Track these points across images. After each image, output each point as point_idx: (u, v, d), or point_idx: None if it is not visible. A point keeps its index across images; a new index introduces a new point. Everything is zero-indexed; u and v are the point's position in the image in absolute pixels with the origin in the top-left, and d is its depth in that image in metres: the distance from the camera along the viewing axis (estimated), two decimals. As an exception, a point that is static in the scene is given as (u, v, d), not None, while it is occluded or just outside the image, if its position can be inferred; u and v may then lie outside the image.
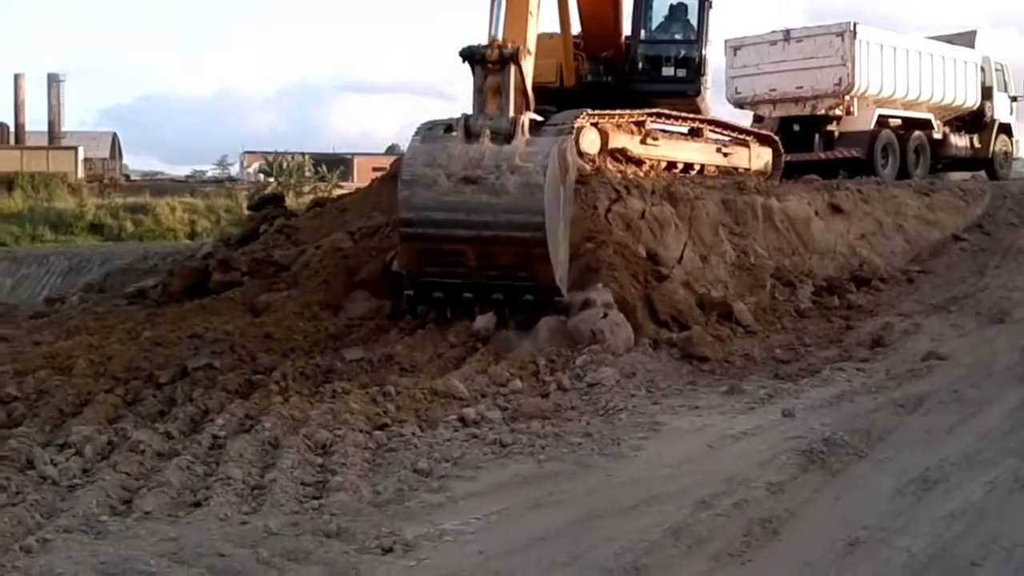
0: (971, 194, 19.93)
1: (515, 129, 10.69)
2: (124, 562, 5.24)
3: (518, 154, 10.55)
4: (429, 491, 6.63)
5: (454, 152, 10.63)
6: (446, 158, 10.61)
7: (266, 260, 14.56)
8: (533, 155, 10.55)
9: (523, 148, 10.58)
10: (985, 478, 6.77)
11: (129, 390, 9.23)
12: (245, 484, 6.68)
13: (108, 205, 41.59)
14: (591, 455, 7.41)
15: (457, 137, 10.77)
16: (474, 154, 10.60)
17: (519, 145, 10.59)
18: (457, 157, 10.61)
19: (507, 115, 10.84)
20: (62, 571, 5.10)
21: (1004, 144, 28.12)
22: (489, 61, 10.97)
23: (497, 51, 10.91)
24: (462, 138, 10.75)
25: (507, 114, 10.85)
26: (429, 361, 10.30)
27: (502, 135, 10.70)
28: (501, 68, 10.98)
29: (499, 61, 10.94)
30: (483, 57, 10.97)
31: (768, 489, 6.50)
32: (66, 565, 5.18)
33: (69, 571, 5.10)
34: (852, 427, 7.91)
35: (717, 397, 9.43)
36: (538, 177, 10.41)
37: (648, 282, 12.24)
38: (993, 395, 9.05)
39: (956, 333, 12.05)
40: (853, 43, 23.19)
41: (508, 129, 10.73)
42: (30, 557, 5.35)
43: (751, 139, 19.09)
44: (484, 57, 10.96)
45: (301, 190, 43.54)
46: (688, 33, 18.93)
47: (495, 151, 10.56)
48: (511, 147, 10.58)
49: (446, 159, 10.60)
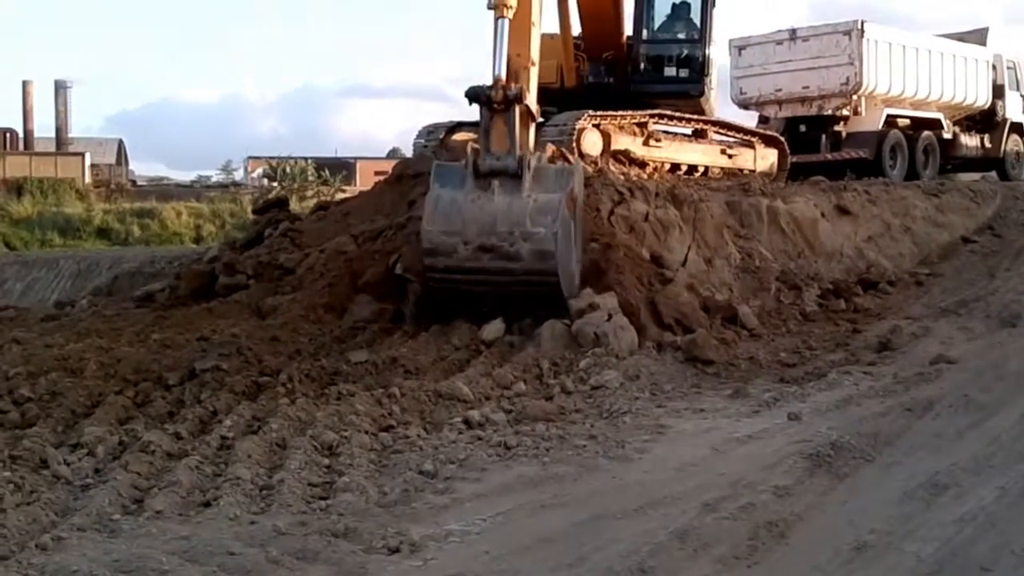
0: (981, 195, 19.83)
1: (522, 169, 11.17)
2: (137, 560, 5.28)
3: (528, 216, 11.08)
4: (435, 492, 6.64)
5: (468, 216, 11.15)
6: (461, 224, 11.15)
7: (271, 263, 14.57)
8: (543, 217, 11.06)
9: (532, 205, 11.10)
10: (996, 483, 6.70)
11: (139, 392, 9.32)
12: (254, 484, 6.74)
13: (115, 210, 41.75)
14: (596, 457, 7.40)
15: (468, 187, 11.24)
16: (487, 217, 11.13)
17: (528, 202, 11.11)
18: (471, 221, 11.14)
19: (514, 155, 11.21)
20: (76, 568, 5.13)
21: (1016, 144, 27.92)
22: (494, 102, 11.27)
23: (502, 92, 11.22)
24: (472, 184, 11.23)
25: (514, 153, 11.21)
26: (433, 364, 10.33)
27: (510, 174, 11.19)
28: (506, 109, 11.28)
29: (504, 102, 11.24)
30: (488, 99, 11.28)
31: (775, 492, 6.46)
32: (80, 563, 5.21)
33: (84, 568, 5.13)
34: (859, 431, 7.85)
35: (722, 400, 9.41)
36: (549, 244, 11.02)
37: (652, 285, 12.24)
38: (1004, 399, 8.94)
39: (966, 337, 11.96)
40: (861, 42, 23.09)
41: (515, 168, 11.20)
42: (45, 555, 5.39)
43: (756, 140, 19.08)
44: (489, 99, 11.27)
45: (305, 194, 43.64)
46: (691, 32, 18.84)
47: (505, 211, 11.09)
48: (522, 205, 11.10)
49: (461, 224, 11.15)
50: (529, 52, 11.95)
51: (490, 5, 11.54)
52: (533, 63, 12.06)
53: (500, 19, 11.44)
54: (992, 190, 20.67)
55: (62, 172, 51.65)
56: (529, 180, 11.23)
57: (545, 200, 11.17)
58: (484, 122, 11.49)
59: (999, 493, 6.50)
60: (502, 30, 11.45)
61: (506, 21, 11.44)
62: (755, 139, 19.19)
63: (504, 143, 11.35)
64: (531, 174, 11.24)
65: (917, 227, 17.57)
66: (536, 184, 11.27)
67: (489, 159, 11.33)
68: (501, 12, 11.42)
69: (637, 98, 17.67)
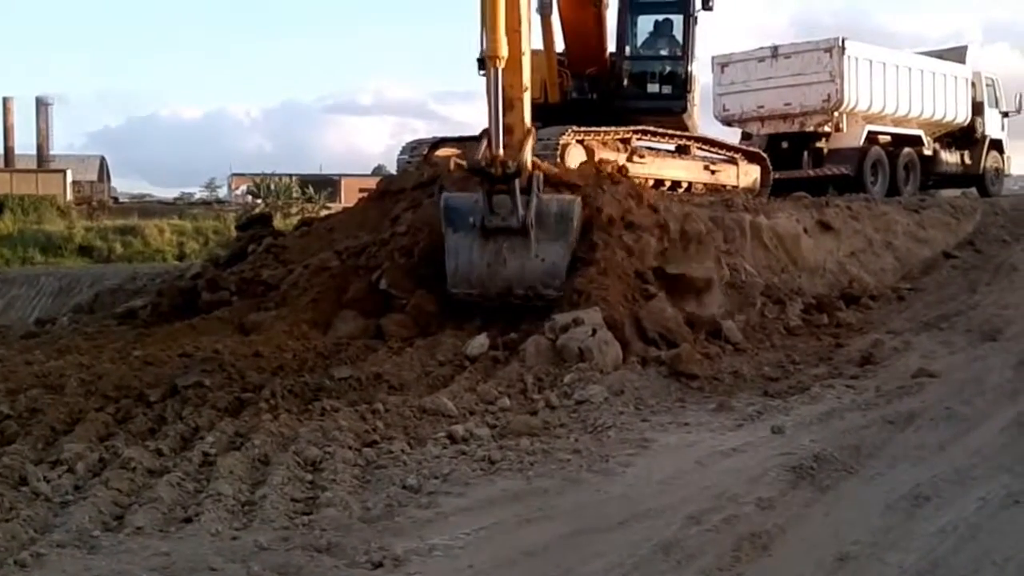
0: (962, 211, 19.91)
1: (526, 226, 12.16)
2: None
3: (540, 281, 12.34)
4: (418, 507, 6.63)
5: (486, 280, 12.42)
6: (481, 286, 12.49)
7: (254, 280, 14.53)
8: (552, 279, 12.32)
9: (541, 267, 12.33)
10: (977, 494, 6.73)
11: (120, 408, 9.28)
12: (236, 500, 6.71)
13: (97, 227, 41.59)
14: (580, 471, 7.40)
15: (478, 247, 12.40)
16: (503, 282, 12.37)
17: (537, 263, 12.32)
18: (490, 284, 12.43)
19: (517, 216, 12.13)
20: (56, 584, 5.11)
21: (995, 160, 28.20)
22: (495, 178, 12.08)
23: (501, 169, 12.02)
24: (480, 244, 12.37)
25: (517, 215, 12.13)
26: (417, 379, 10.33)
27: (516, 231, 12.23)
28: (507, 180, 12.07)
29: (503, 177, 12.05)
30: (490, 175, 12.10)
31: (758, 505, 6.48)
32: (61, 579, 5.18)
33: (64, 585, 5.11)
34: (842, 443, 7.88)
35: (706, 414, 9.41)
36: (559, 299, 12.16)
37: (636, 300, 12.24)
38: (985, 412, 8.98)
39: (947, 351, 12.00)
40: (842, 59, 23.29)
41: (519, 226, 12.19)
42: (25, 571, 5.39)
43: (739, 156, 19.17)
44: (491, 175, 12.09)
45: (289, 211, 43.62)
46: (674, 49, 18.92)
47: (519, 276, 12.33)
48: (533, 268, 12.32)
49: (481, 287, 12.50)
50: (521, 82, 12.59)
51: (481, 69, 12.77)
52: (526, 88, 12.73)
53: (495, 69, 11.95)
54: (972, 206, 20.77)
55: (43, 189, 51.62)
56: (534, 235, 12.22)
57: (551, 263, 12.32)
58: (486, 187, 12.22)
59: (980, 504, 6.53)
60: (496, 79, 11.99)
61: (500, 69, 11.97)
62: (738, 155, 19.27)
63: (507, 208, 12.18)
64: (534, 230, 12.21)
65: (899, 242, 17.62)
66: (541, 232, 12.23)
67: (495, 219, 12.25)
68: (494, 63, 11.95)
69: (620, 114, 17.72)
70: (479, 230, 12.29)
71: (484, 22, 12.05)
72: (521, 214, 12.10)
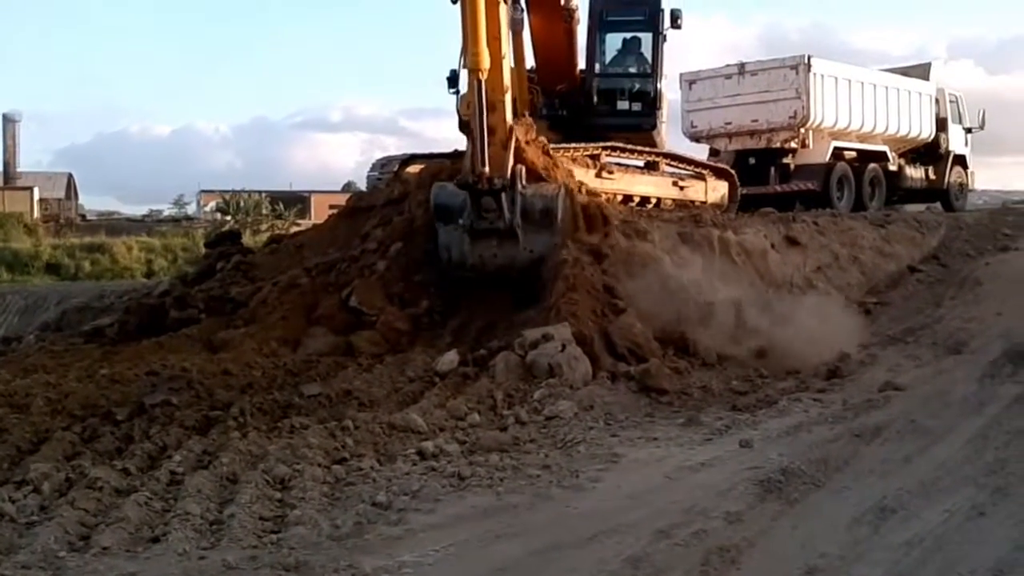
0: (927, 226, 20.09)
1: (515, 228, 12.79)
2: (82, 597, 5.22)
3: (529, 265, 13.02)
4: (388, 524, 6.62)
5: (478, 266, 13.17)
6: (474, 270, 13.20)
7: (223, 297, 14.48)
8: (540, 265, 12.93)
9: (529, 257, 12.99)
10: (942, 506, 6.77)
11: (87, 427, 9.22)
12: (203, 519, 6.67)
13: (64, 245, 41.29)
14: (550, 487, 7.41)
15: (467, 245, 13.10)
16: (495, 270, 13.14)
17: (526, 255, 12.97)
18: (484, 269, 13.16)
19: (504, 220, 12.76)
20: (21, 607, 5.07)
21: (959, 175, 28.49)
22: (483, 192, 12.62)
23: (488, 185, 12.55)
24: (469, 242, 13.05)
25: (504, 219, 12.76)
26: (387, 396, 10.31)
27: (506, 233, 12.85)
28: (493, 193, 12.65)
29: (491, 191, 12.62)
30: (478, 190, 12.59)
31: (726, 519, 6.51)
32: (24, 601, 5.14)
33: (28, 607, 5.06)
34: (809, 457, 7.91)
35: (675, 429, 9.44)
36: None
37: (605, 315, 12.28)
38: (950, 425, 9.03)
39: (913, 364, 12.12)
40: (807, 76, 23.48)
41: (508, 229, 12.80)
42: (-11, 593, 5.31)
43: (707, 172, 19.26)
44: (479, 190, 12.58)
45: (258, 228, 43.45)
46: (643, 67, 19.06)
47: (510, 265, 13.05)
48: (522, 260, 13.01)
49: (473, 273, 13.24)
50: (502, 84, 12.94)
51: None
52: (507, 89, 13.12)
53: (478, 81, 12.21)
54: (937, 221, 20.96)
55: (10, 206, 51.20)
56: (521, 232, 12.83)
57: (539, 254, 12.93)
58: (474, 199, 12.75)
59: (946, 516, 6.57)
60: (480, 89, 12.25)
61: (483, 81, 12.24)
62: (706, 171, 19.37)
63: (493, 209, 12.76)
64: (520, 228, 12.81)
65: (865, 257, 17.74)
66: (527, 225, 12.85)
67: (483, 223, 12.85)
68: (476, 76, 12.22)
69: (591, 131, 17.79)
70: (468, 232, 12.89)
71: (465, 36, 12.17)
72: (508, 218, 12.66)
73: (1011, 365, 11.21)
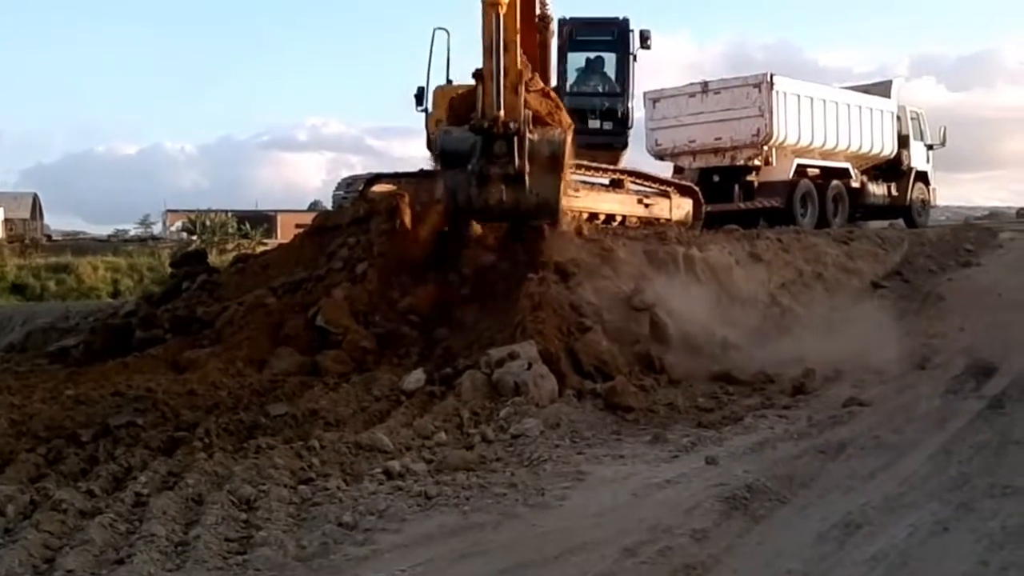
0: (890, 242, 20.30)
1: (523, 174, 12.81)
2: (46, 621, 5.18)
3: (534, 213, 13.46)
4: (354, 544, 6.59)
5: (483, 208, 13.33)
6: (479, 212, 13.61)
7: (189, 317, 14.42)
8: (545, 210, 13.42)
9: (535, 201, 13.17)
10: (907, 521, 6.82)
11: (51, 449, 9.15)
12: (169, 541, 6.61)
13: (30, 265, 41.00)
14: (516, 505, 7.42)
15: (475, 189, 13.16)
16: (500, 212, 13.44)
17: (532, 199, 13.09)
18: (489, 211, 13.45)
19: (514, 165, 12.80)
20: (-17, 631, 5.03)
21: (921, 192, 28.77)
22: (497, 136, 12.72)
23: (502, 128, 12.66)
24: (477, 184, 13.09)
25: (514, 164, 12.80)
26: (354, 415, 10.28)
27: (514, 177, 12.88)
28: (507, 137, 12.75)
29: (505, 135, 12.72)
30: (491, 133, 12.68)
31: (692, 536, 6.52)
32: (-12, 625, 5.10)
33: (-10, 631, 5.02)
34: (775, 473, 7.95)
35: (641, 446, 9.46)
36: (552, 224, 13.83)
37: (572, 333, 12.31)
38: (914, 440, 9.12)
39: (877, 379, 12.21)
40: (770, 94, 23.66)
41: (517, 173, 12.83)
42: (-49, 619, 5.27)
43: (672, 190, 19.35)
44: (492, 133, 12.67)
45: (225, 247, 43.29)
46: (614, 86, 19.18)
47: (515, 208, 13.19)
48: (528, 203, 13.13)
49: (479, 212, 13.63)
50: (515, 24, 13.07)
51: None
52: (518, 31, 13.20)
53: (496, 16, 12.45)
54: (899, 237, 21.19)
55: (-27, 227, 50.81)
56: (528, 176, 12.88)
57: (544, 197, 13.21)
58: (484, 145, 12.92)
59: (910, 531, 6.61)
60: (497, 24, 12.50)
61: (502, 16, 12.49)
62: (671, 189, 19.46)
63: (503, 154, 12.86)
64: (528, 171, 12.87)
65: (828, 273, 17.89)
66: (534, 168, 12.91)
67: (493, 169, 12.91)
68: (495, 10, 12.52)
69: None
70: (477, 175, 13.00)
71: None
72: (518, 163, 12.74)
73: (974, 380, 11.37)
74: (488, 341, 12.21)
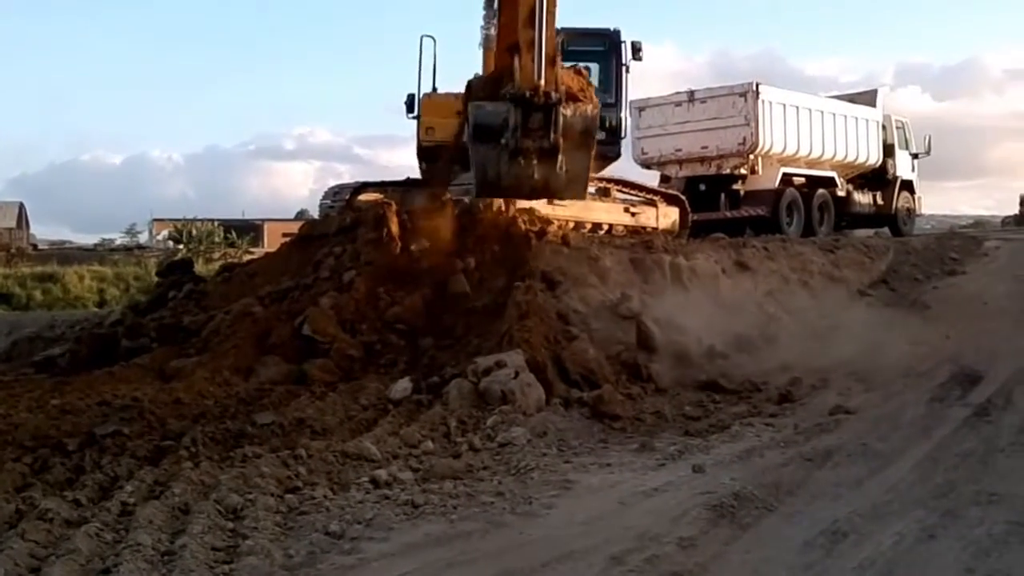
0: (875, 250, 20.35)
1: (557, 146, 12.14)
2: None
3: (563, 190, 13.13)
4: (341, 553, 6.59)
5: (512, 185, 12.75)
6: (507, 189, 13.21)
7: (175, 326, 14.38)
8: (574, 186, 12.98)
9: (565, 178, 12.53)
10: (894, 529, 6.84)
11: (37, 458, 9.11)
12: (155, 550, 6.58)
13: (15, 274, 40.81)
14: (503, 514, 7.41)
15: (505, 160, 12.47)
16: (529, 191, 13.09)
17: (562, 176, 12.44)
18: (515, 190, 13.17)
19: (549, 139, 12.11)
20: (-32, 642, 5.00)
21: (906, 201, 28.90)
22: (536, 107, 12.09)
23: (543, 97, 12.02)
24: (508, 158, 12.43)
25: (550, 137, 12.10)
26: (340, 424, 10.27)
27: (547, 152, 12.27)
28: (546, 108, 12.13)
29: (545, 106, 12.07)
30: (531, 102, 12.07)
31: (679, 544, 6.53)
32: (-27, 637, 5.08)
33: (-25, 642, 5.00)
34: (761, 481, 7.97)
35: (628, 454, 9.47)
36: None
37: (559, 341, 12.32)
38: (900, 448, 9.15)
39: (863, 387, 12.24)
40: (756, 103, 23.77)
41: (551, 148, 12.16)
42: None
43: (658, 199, 19.41)
44: (532, 102, 12.06)
45: (211, 256, 43.17)
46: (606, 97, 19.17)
47: (544, 185, 12.65)
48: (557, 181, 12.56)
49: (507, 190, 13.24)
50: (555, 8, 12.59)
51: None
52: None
53: None
54: (885, 245, 21.24)
55: (-41, 237, 50.62)
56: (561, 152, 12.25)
57: (575, 173, 12.60)
58: (521, 119, 12.21)
59: (897, 539, 6.64)
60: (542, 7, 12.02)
61: None
62: (657, 198, 19.52)
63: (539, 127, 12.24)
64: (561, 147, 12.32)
65: (814, 282, 17.92)
66: (567, 144, 12.30)
67: (529, 143, 12.23)
68: None
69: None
70: (511, 150, 12.47)
71: None
72: (553, 137, 12.25)
73: (959, 388, 11.40)
74: (475, 350, 12.23)
